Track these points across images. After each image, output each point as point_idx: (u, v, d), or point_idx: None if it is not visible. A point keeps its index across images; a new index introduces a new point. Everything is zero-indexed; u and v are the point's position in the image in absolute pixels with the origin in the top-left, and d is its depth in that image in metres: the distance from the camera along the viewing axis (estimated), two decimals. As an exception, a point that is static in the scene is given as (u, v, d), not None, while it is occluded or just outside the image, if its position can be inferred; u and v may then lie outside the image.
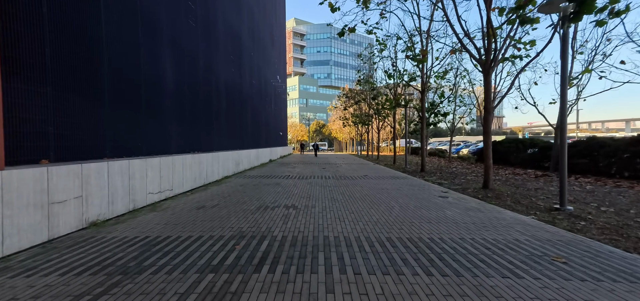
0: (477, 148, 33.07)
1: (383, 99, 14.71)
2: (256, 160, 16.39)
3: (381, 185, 8.95)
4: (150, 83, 6.49)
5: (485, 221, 4.85)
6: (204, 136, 9.72)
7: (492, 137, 30.32)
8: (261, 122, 19.44)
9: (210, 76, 10.37)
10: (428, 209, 5.65)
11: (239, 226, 4.46)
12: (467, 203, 6.35)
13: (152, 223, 4.64)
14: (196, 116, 9.07)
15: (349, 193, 7.56)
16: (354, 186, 8.68)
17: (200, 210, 5.50)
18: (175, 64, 7.71)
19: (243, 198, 6.72)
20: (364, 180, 10.19)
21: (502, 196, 7.24)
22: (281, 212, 5.42)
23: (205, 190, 7.90)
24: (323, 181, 9.81)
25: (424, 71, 12.74)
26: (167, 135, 7.21)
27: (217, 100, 11.13)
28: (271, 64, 24.59)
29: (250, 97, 16.39)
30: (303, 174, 12.20)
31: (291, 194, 7.26)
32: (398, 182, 9.76)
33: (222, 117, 11.66)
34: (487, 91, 8.00)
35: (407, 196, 7.13)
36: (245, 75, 15.52)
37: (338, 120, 45.48)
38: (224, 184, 9.01)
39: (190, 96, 8.66)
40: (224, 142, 11.79)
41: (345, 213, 5.38)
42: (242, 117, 14.55)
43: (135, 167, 5.44)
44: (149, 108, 6.44)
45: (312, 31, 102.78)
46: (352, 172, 13.14)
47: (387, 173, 12.96)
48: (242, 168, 13.27)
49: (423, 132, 13.19)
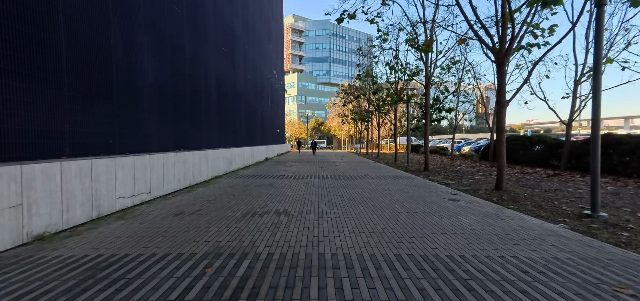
0: (479, 146, 32.42)
1: (384, 95, 13.97)
2: (251, 158, 15.63)
3: (383, 186, 8.22)
4: (124, 71, 5.72)
5: (510, 231, 4.12)
6: (191, 133, 8.96)
7: (490, 136, 29.15)
8: (257, 119, 18.67)
9: (198, 67, 9.59)
10: (439, 216, 4.91)
11: (218, 240, 3.71)
12: (481, 207, 5.62)
13: (114, 235, 3.88)
14: (182, 111, 8.30)
15: (349, 195, 6.82)
16: (354, 188, 7.94)
17: (177, 218, 4.75)
18: (156, 51, 6.93)
19: (230, 202, 5.97)
20: (365, 180, 9.45)
21: (519, 198, 6.51)
22: (271, 220, 4.67)
23: (190, 192, 7.15)
24: (320, 182, 9.07)
25: (428, 64, 11.98)
26: (145, 132, 6.45)
27: (206, 95, 10.35)
28: (268, 58, 23.78)
29: (244, 92, 15.61)
30: (299, 173, 11.46)
31: (284, 197, 6.51)
32: (401, 182, 9.02)
33: (212, 113, 10.89)
34: (501, 83, 7.25)
35: (413, 198, 6.40)
36: (239, 69, 14.74)
37: (337, 117, 44.74)
38: (212, 185, 8.25)
39: (175, 89, 7.89)
40: (215, 139, 11.03)
41: (345, 220, 4.64)
42: (235, 113, 13.78)
43: (101, 168, 4.68)
44: (123, 100, 5.67)
45: (311, 28, 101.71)
46: (352, 171, 12.40)
47: (389, 172, 12.23)
48: (234, 167, 12.52)
49: (427, 129, 12.45)
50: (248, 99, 16.44)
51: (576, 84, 11.61)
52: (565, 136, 12.06)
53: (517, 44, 7.15)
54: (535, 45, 7.29)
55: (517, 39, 7.02)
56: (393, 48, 12.71)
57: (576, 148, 12.06)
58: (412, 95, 13.97)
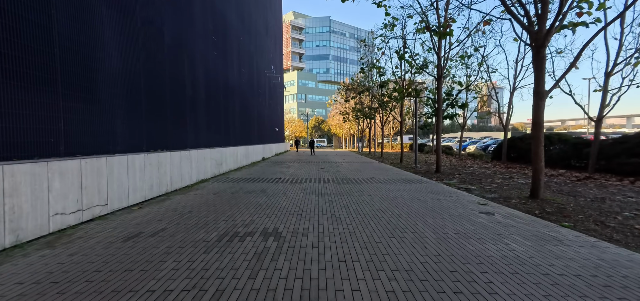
0: (485, 145, 31.17)
1: (390, 88, 12.73)
2: (245, 159, 14.40)
3: (395, 192, 6.99)
4: (74, 52, 4.50)
5: (590, 267, 2.90)
6: (173, 131, 7.74)
7: (494, 134, 28.76)
8: (252, 116, 17.45)
9: (181, 55, 8.36)
10: (480, 239, 3.69)
11: (167, 288, 2.49)
12: (527, 224, 4.40)
13: (11, 282, 2.65)
14: (159, 105, 7.08)
15: (356, 205, 5.59)
16: (361, 195, 6.71)
17: (128, 243, 3.53)
18: (122, 32, 5.70)
19: (207, 217, 4.74)
20: (372, 185, 8.22)
21: (566, 211, 5.28)
22: (254, 246, 3.45)
23: (162, 202, 5.92)
24: (321, 187, 7.85)
25: (440, 54, 10.74)
26: (106, 128, 5.22)
27: (193, 87, 9.13)
28: (265, 52, 22.54)
29: (238, 86, 14.38)
30: (297, 176, 10.23)
31: (277, 209, 5.29)
32: (414, 187, 7.80)
33: (199, 109, 9.66)
34: (540, 69, 6.00)
35: (435, 211, 5.17)
36: (232, 61, 13.51)
37: (338, 115, 43.48)
38: (194, 192, 7.03)
39: (150, 78, 6.67)
40: (203, 138, 9.81)
41: (355, 248, 3.42)
42: (227, 109, 12.56)
43: (19, 176, 3.45)
44: (72, 89, 4.45)
45: (311, 25, 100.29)
46: (356, 173, 11.17)
47: (397, 174, 11.00)
48: (225, 168, 11.29)
49: (438, 126, 11.22)
50: (243, 94, 15.22)
51: (607, 76, 10.36)
52: (595, 135, 10.82)
53: (560, 23, 5.90)
54: (581, 25, 6.03)
55: (560, 16, 5.77)
56: (402, 36, 11.46)
57: (606, 148, 10.82)
58: (420, 89, 12.73)
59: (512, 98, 15.55)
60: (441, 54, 10.77)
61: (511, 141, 16.03)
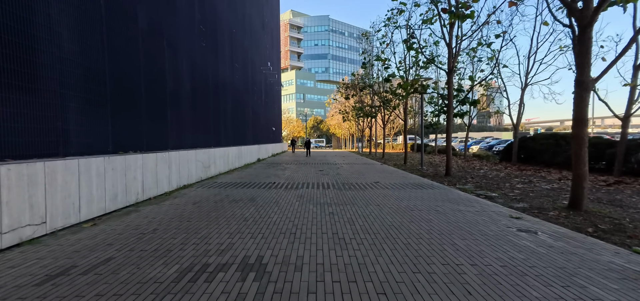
0: (488, 145, 30.18)
1: (395, 84, 11.71)
2: (237, 160, 13.34)
3: (406, 200, 5.96)
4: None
5: None
6: (147, 129, 6.69)
7: (494, 134, 27.91)
8: (247, 115, 16.40)
9: (160, 43, 7.31)
10: (541, 278, 2.66)
11: None
12: (590, 250, 3.37)
13: None
14: (129, 99, 6.03)
15: (363, 220, 4.56)
16: (367, 204, 5.68)
17: (43, 288, 2.48)
18: (74, 7, 4.65)
19: (174, 238, 3.70)
20: (378, 191, 7.19)
21: (625, 227, 4.26)
22: (224, 291, 2.41)
23: (128, 215, 4.87)
24: (320, 194, 6.81)
25: (452, 45, 9.71)
26: (49, 125, 4.17)
27: (175, 81, 8.08)
28: (261, 48, 21.49)
29: (231, 83, 13.33)
30: (294, 180, 9.19)
31: (265, 224, 4.25)
32: (427, 194, 6.77)
33: (183, 105, 8.62)
34: (585, 54, 4.97)
35: (462, 228, 4.14)
36: (224, 55, 12.46)
37: (337, 114, 42.45)
38: (169, 202, 5.98)
39: (117, 67, 5.62)
40: (187, 138, 8.76)
41: (369, 293, 2.38)
42: (218, 107, 11.51)
43: None
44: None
45: (310, 23, 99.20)
46: (358, 176, 10.13)
47: (403, 177, 9.97)
48: (214, 171, 10.23)
49: (449, 125, 10.20)
50: (236, 91, 14.16)
51: (637, 69, 9.38)
52: (621, 134, 9.84)
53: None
54: (632, 1, 5.01)
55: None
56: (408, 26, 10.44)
57: (634, 149, 9.84)
58: (427, 85, 11.71)
59: (523, 95, 14.54)
60: (452, 46, 9.75)
61: (522, 141, 15.04)
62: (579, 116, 5.16)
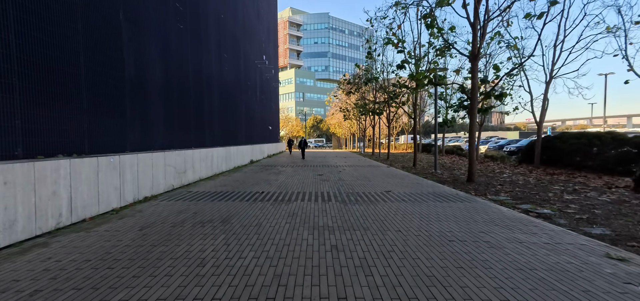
0: (497, 145, 28.53)
1: (413, 70, 10.04)
2: (225, 163, 11.71)
3: (436, 222, 4.33)
4: None
5: None
6: (91, 126, 5.08)
7: (501, 134, 26.26)
8: (238, 111, 14.76)
9: (115, 18, 5.67)
10: None
11: None
12: None
13: None
14: (56, 84, 4.41)
15: (384, 263, 2.92)
16: (384, 230, 4.04)
17: None
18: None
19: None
20: (393, 204, 5.56)
21: None
22: None
23: (25, 254, 3.24)
24: (318, 210, 5.18)
25: (477, 25, 8.08)
26: None
27: (138, 66, 6.46)
28: (256, 40, 19.86)
29: (218, 75, 11.70)
30: (287, 188, 7.56)
31: (229, 275, 2.62)
32: (458, 210, 5.14)
33: (151, 97, 7.01)
34: None
35: (545, 282, 2.51)
36: (210, 42, 10.83)
37: (337, 112, 40.78)
38: (110, 224, 4.34)
39: (32, 40, 3.99)
40: (156, 137, 7.15)
41: None
42: (200, 102, 9.88)
43: None
44: None
45: (309, 21, 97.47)
46: (364, 182, 8.50)
47: (418, 184, 8.34)
48: (192, 177, 8.60)
49: (473, 120, 8.57)
50: (225, 85, 12.53)
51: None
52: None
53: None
54: None
55: None
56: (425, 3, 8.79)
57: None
58: (443, 76, 10.08)
59: (548, 90, 12.90)
60: (477, 28, 8.11)
61: (547, 141, 13.42)
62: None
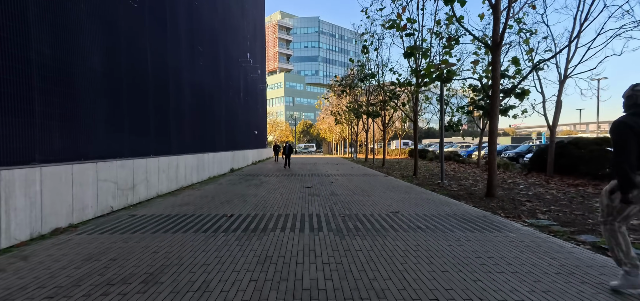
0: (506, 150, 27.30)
1: (425, 60, 8.60)
2: (196, 173, 9.91)
3: (484, 274, 2.73)
4: None
5: None
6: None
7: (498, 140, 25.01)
8: (217, 114, 12.99)
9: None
10: None
11: None
12: None
13: None
14: None
15: None
16: (403, 286, 2.41)
17: None
18: None
19: None
20: (409, 237, 3.95)
21: None
22: None
23: None
24: (305, 248, 3.51)
25: (499, 7, 6.64)
26: None
27: (52, 44, 4.70)
28: (239, 36, 18.17)
29: (189, 69, 9.95)
30: (266, 207, 5.86)
31: None
32: (504, 248, 3.56)
33: (78, 88, 5.24)
34: None
35: None
36: (178, 30, 9.09)
37: (328, 116, 39.24)
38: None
39: None
40: (88, 143, 5.37)
41: None
42: (162, 99, 8.11)
43: None
44: None
45: (299, 25, 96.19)
46: (363, 198, 6.88)
47: (428, 200, 6.76)
48: (144, 194, 6.81)
49: (494, 122, 7.08)
50: (198, 82, 10.78)
51: None
52: None
53: None
54: None
55: None
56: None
57: None
58: (452, 72, 8.64)
59: (562, 90, 11.64)
60: (500, 7, 6.66)
61: (561, 147, 12.12)
62: None
